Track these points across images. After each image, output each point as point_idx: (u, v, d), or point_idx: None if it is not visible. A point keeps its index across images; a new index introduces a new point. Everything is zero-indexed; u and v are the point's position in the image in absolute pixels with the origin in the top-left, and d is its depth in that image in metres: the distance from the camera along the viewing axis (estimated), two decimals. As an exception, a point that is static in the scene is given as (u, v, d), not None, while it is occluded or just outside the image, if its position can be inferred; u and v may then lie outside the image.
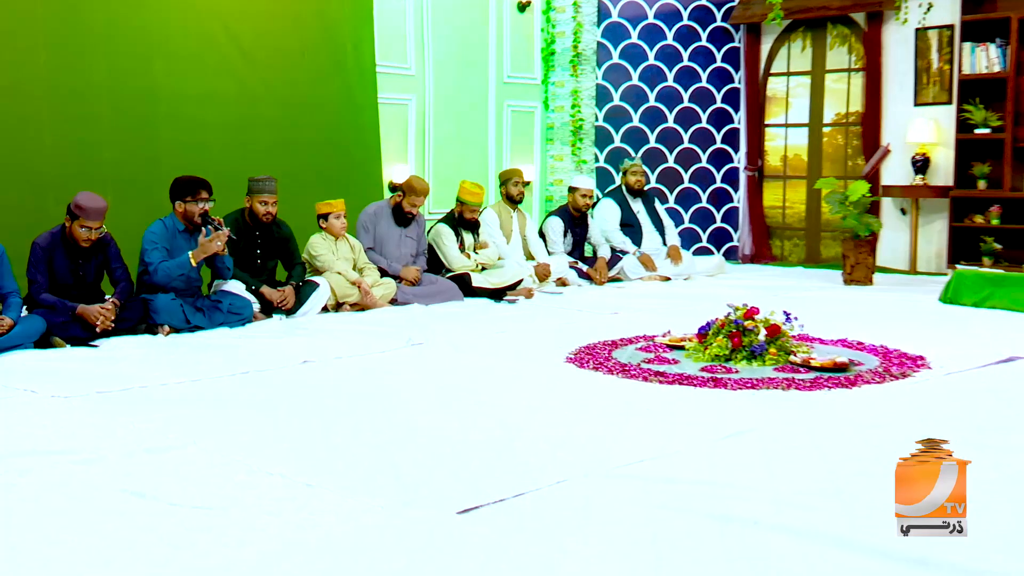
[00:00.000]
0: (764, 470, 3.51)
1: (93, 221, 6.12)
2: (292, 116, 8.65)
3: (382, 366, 5.44)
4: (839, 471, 3.50)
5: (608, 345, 5.94)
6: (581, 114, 10.87)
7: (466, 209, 8.40)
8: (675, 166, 11.26)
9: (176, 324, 6.39)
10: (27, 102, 7.19)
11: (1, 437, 3.93)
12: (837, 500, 3.18)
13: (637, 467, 3.53)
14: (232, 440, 3.90)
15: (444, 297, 7.89)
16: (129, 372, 5.19)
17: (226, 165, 7.86)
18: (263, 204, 7.14)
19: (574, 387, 4.92)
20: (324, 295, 7.30)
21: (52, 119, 7.31)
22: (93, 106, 7.52)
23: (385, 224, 8.09)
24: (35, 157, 7.20)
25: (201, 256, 6.52)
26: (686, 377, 5.03)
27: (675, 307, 7.73)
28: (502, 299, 8.10)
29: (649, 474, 3.45)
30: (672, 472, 3.47)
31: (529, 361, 5.58)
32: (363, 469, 3.52)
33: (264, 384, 4.98)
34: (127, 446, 3.80)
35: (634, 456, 3.65)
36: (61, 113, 7.36)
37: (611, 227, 9.76)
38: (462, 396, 4.69)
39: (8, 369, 5.25)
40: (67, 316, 6.02)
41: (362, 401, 4.61)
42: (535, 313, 7.48)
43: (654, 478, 3.40)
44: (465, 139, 10.35)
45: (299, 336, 6.36)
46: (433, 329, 6.57)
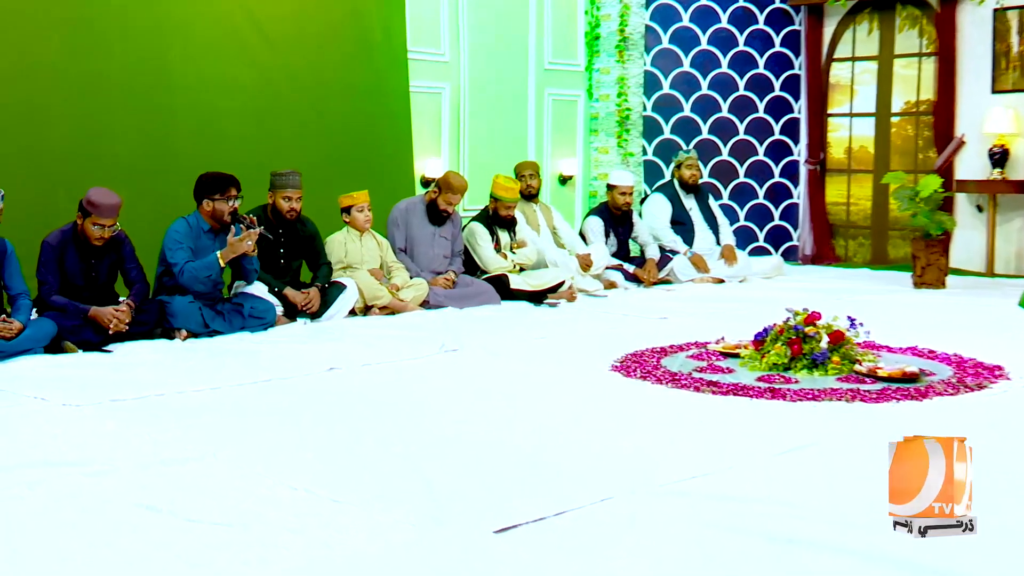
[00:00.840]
0: (825, 488, 3.49)
1: (106, 218, 6.19)
2: (317, 106, 8.70)
3: (413, 373, 5.46)
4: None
5: (657, 352, 5.92)
6: (628, 103, 10.85)
7: (500, 206, 8.41)
8: (730, 159, 11.21)
9: (194, 328, 6.45)
10: (36, 91, 7.28)
11: (10, 447, 3.98)
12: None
13: (687, 484, 3.52)
14: (253, 452, 3.93)
15: (480, 300, 7.91)
16: (144, 379, 5.25)
17: (247, 158, 7.92)
18: (286, 200, 7.19)
19: (620, 397, 4.91)
20: (352, 297, 7.34)
21: (62, 109, 7.40)
22: (106, 95, 7.60)
23: (418, 222, 8.12)
24: (44, 150, 7.29)
25: (230, 256, 6.57)
26: (741, 387, 5.00)
27: (729, 311, 7.69)
28: (542, 302, 8.10)
29: (700, 491, 3.44)
30: (725, 489, 3.45)
31: (571, 369, 5.57)
32: (392, 483, 3.54)
33: (287, 392, 5.01)
34: (142, 457, 3.84)
35: (684, 472, 3.64)
36: (72, 103, 7.44)
37: (661, 225, 9.74)
38: (499, 406, 4.69)
39: (17, 375, 5.32)
40: (79, 319, 6.09)
41: (391, 411, 4.62)
42: (578, 317, 7.47)
43: (706, 496, 3.39)
44: (502, 130, 10.36)
45: (325, 341, 6.40)
46: (468, 334, 6.58)
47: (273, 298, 7.01)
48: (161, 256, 6.68)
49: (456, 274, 8.11)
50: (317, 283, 7.29)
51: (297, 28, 8.62)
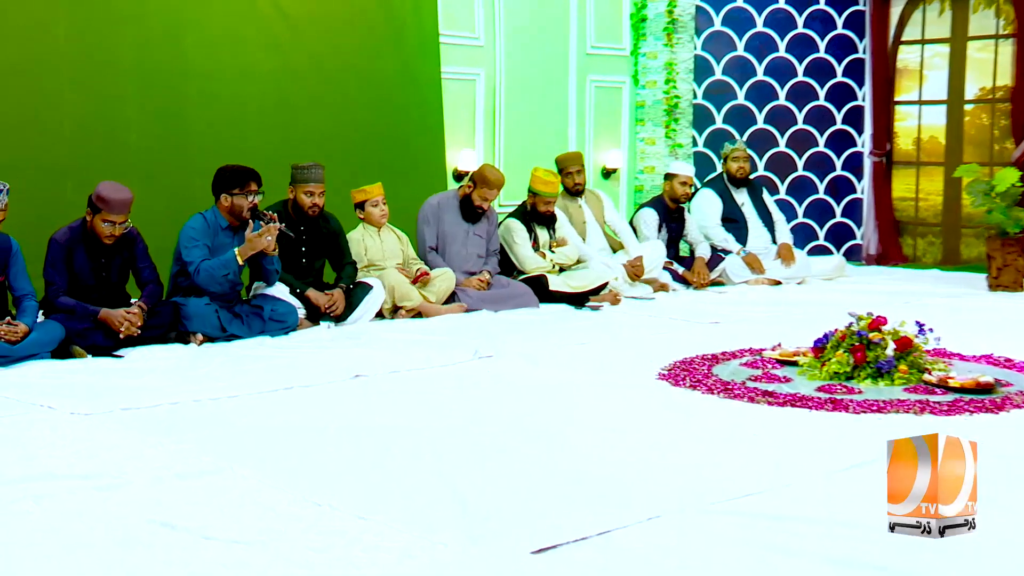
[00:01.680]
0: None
1: (117, 214, 6.24)
2: (342, 94, 8.74)
3: (445, 381, 5.47)
4: (982, 510, 3.43)
5: (708, 360, 5.91)
6: (676, 90, 10.82)
7: (540, 201, 8.41)
8: (787, 151, 11.16)
9: (210, 332, 6.49)
10: (44, 79, 7.35)
11: (15, 459, 4.03)
12: (980, 544, 3.12)
13: (741, 502, 3.50)
14: (274, 465, 3.95)
15: (516, 303, 7.91)
16: (157, 386, 5.29)
17: (266, 150, 7.97)
18: (309, 195, 7.22)
19: (668, 408, 4.90)
20: (378, 299, 7.36)
21: (71, 99, 7.46)
22: (117, 83, 7.67)
23: (451, 219, 8.14)
24: (52, 142, 7.36)
25: (249, 253, 6.59)
26: (800, 398, 4.98)
27: (786, 316, 7.66)
28: (584, 305, 8.09)
29: (755, 510, 3.42)
30: (782, 508, 3.44)
31: (615, 377, 5.57)
32: (423, 500, 3.55)
33: (310, 401, 5.03)
34: (155, 470, 3.87)
35: (737, 489, 3.62)
36: (81, 92, 7.51)
37: (711, 222, 9.71)
38: (537, 417, 4.69)
39: (23, 382, 5.37)
40: (88, 322, 6.15)
41: (421, 421, 4.63)
42: (622, 322, 7.46)
43: (761, 515, 3.37)
44: (541, 120, 10.36)
45: (350, 346, 6.42)
46: (504, 339, 6.58)
47: (295, 300, 7.05)
48: (176, 255, 6.72)
49: (491, 275, 8.12)
50: (341, 284, 7.32)
51: (321, 11, 8.66)
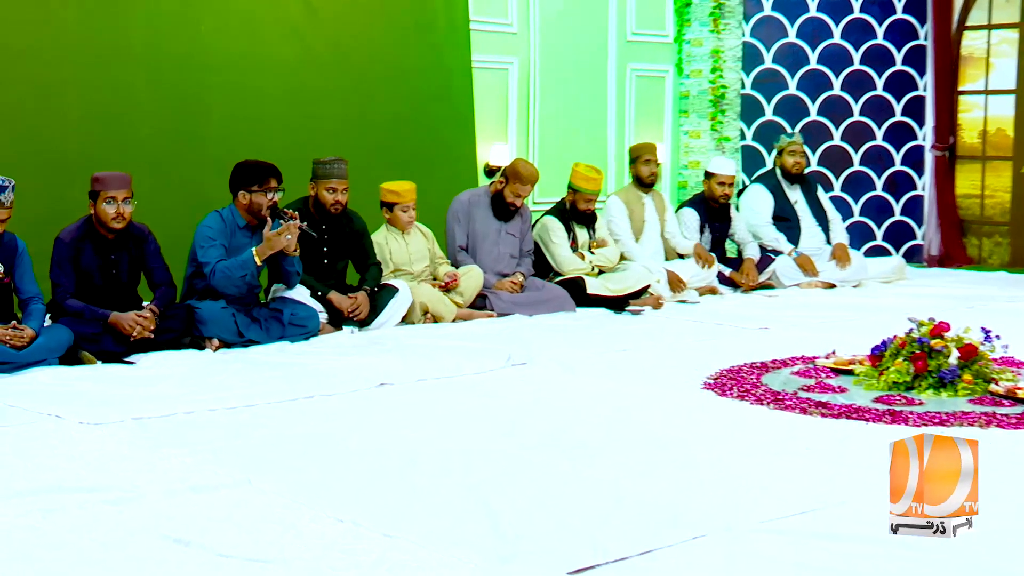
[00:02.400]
0: (956, 527, 3.44)
1: (117, 189, 6.27)
2: (367, 85, 8.76)
3: (476, 390, 5.48)
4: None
5: (757, 368, 5.89)
6: (723, 79, 10.79)
7: (580, 198, 8.41)
8: (843, 144, 11.11)
9: (227, 337, 6.52)
10: (49, 68, 7.40)
11: (21, 471, 4.06)
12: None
13: (792, 521, 3.49)
14: (294, 478, 3.97)
15: (552, 306, 7.91)
16: (171, 394, 5.32)
17: (287, 144, 8.00)
18: (331, 192, 7.24)
19: (714, 419, 4.88)
20: (404, 302, 7.38)
21: (79, 89, 7.52)
22: (128, 73, 7.71)
23: (481, 217, 8.15)
24: (59, 135, 7.41)
25: (267, 253, 6.61)
26: (856, 409, 4.96)
27: (841, 321, 7.63)
28: (624, 309, 8.09)
29: (807, 530, 3.41)
30: (837, 527, 3.42)
31: (657, 386, 5.55)
32: (452, 516, 3.55)
33: (332, 411, 5.05)
34: (168, 483, 3.89)
35: (788, 507, 3.61)
36: (90, 81, 7.56)
37: (761, 221, 9.68)
38: (574, 429, 4.69)
39: (29, 390, 5.42)
40: (98, 326, 6.19)
41: (451, 433, 4.64)
42: (665, 327, 7.45)
43: (813, 535, 3.36)
44: (578, 112, 10.36)
45: (374, 353, 6.44)
46: (538, 345, 6.58)
47: (316, 303, 7.07)
48: (191, 255, 6.75)
49: (525, 276, 8.13)
50: (365, 286, 7.33)
51: (345, -3, 8.70)
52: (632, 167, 9.16)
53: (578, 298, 8.08)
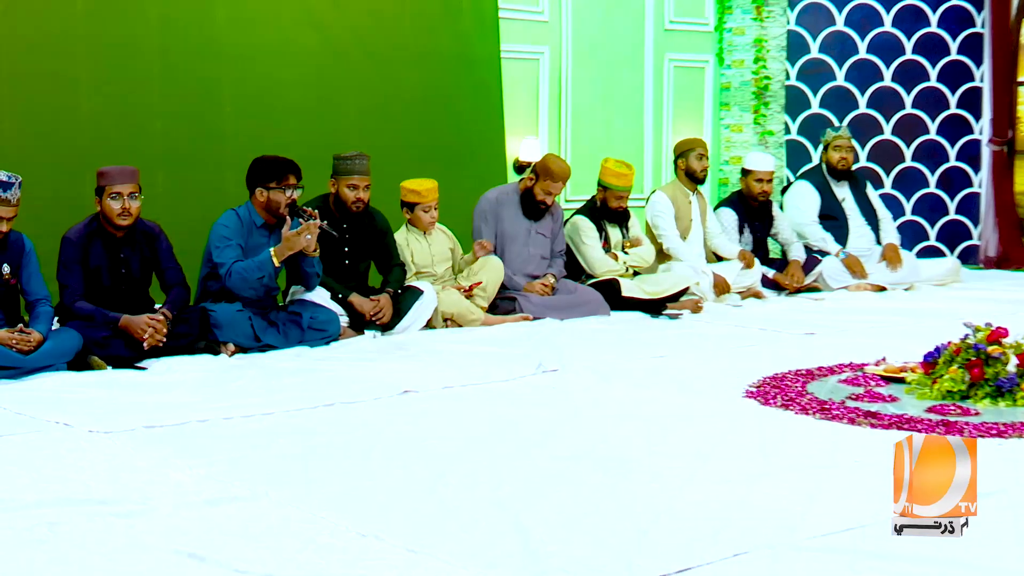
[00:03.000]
0: (1014, 545, 3.42)
1: (122, 184, 6.30)
2: (390, 76, 8.78)
3: (505, 399, 5.48)
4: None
5: (802, 375, 5.88)
6: (767, 70, 10.77)
7: (610, 196, 8.41)
8: (893, 139, 11.07)
9: (243, 342, 6.55)
10: (60, 59, 7.46)
11: (28, 481, 4.08)
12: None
13: (839, 538, 3.48)
14: (314, 490, 3.98)
15: (585, 310, 7.92)
16: (184, 402, 5.35)
17: (306, 139, 8.04)
18: (352, 189, 7.26)
19: (756, 430, 4.87)
20: (429, 305, 7.39)
21: (89, 81, 7.57)
22: (140, 65, 7.76)
23: (510, 215, 8.15)
24: (68, 130, 7.47)
25: (286, 254, 6.62)
26: (907, 420, 4.94)
27: (892, 326, 7.61)
28: (661, 313, 8.08)
29: (856, 547, 3.39)
30: (887, 546, 3.40)
31: (696, 395, 5.54)
32: (480, 532, 3.55)
33: (354, 420, 5.06)
34: (182, 495, 3.91)
35: (835, 523, 3.60)
36: (101, 73, 7.61)
37: (807, 219, 9.66)
38: (608, 440, 4.69)
39: (36, 396, 5.45)
40: (108, 330, 6.22)
41: (479, 443, 4.64)
42: (705, 332, 7.45)
43: (863, 553, 3.34)
44: (613, 105, 10.36)
45: (398, 358, 6.47)
46: (570, 351, 6.59)
47: (336, 306, 7.10)
48: (205, 255, 6.78)
49: (556, 278, 8.13)
50: (388, 288, 7.35)
51: (367, -18, 8.73)
52: (682, 162, 9.09)
53: (612, 301, 8.08)
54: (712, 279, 8.68)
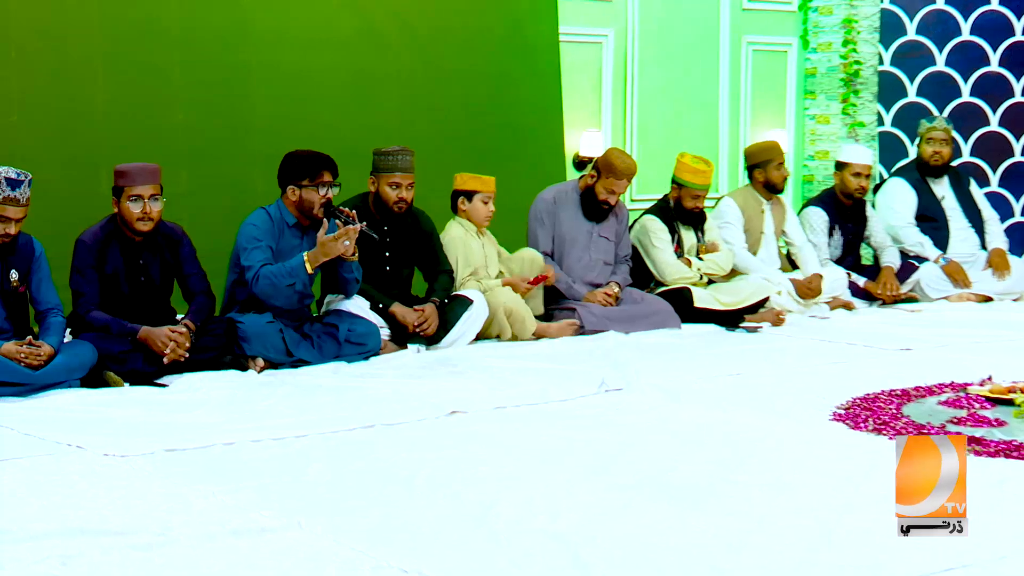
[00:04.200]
0: None
1: (143, 185, 6.33)
2: (435, 63, 8.80)
3: (563, 421, 5.47)
4: None
5: (897, 396, 5.83)
6: (857, 54, 10.71)
7: (686, 194, 8.38)
8: (1001, 130, 10.98)
9: (274, 356, 6.58)
10: (73, 44, 7.53)
11: (37, 511, 4.11)
12: None
13: (941, 578, 3.46)
14: (351, 521, 3.98)
15: (653, 322, 7.90)
16: (209, 422, 5.38)
17: (343, 133, 8.06)
18: (394, 188, 7.27)
19: (845, 457, 4.84)
20: (480, 316, 7.40)
21: (105, 70, 7.63)
22: (161, 52, 7.82)
23: (569, 217, 8.15)
24: (82, 123, 7.54)
25: (320, 260, 6.64)
26: (1016, 446, 4.88)
27: (998, 341, 7.56)
28: (738, 326, 8.05)
29: (959, 589, 3.37)
30: (994, 587, 3.38)
31: (777, 417, 5.51)
32: (535, 568, 3.55)
33: (396, 443, 5.07)
34: (205, 525, 3.93)
35: (937, 562, 3.57)
36: (117, 61, 7.67)
37: (902, 221, 9.59)
38: (677, 467, 4.67)
39: (47, 416, 5.49)
40: (125, 342, 6.27)
41: (534, 471, 4.64)
42: (787, 347, 7.42)
43: (966, 595, 3.33)
44: (685, 93, 10.33)
45: (445, 375, 6.48)
46: (637, 368, 6.57)
47: (377, 317, 7.11)
48: (233, 259, 6.81)
49: (621, 287, 8.12)
50: (434, 297, 7.36)
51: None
52: (759, 173, 8.99)
53: (683, 312, 8.06)
54: (791, 286, 8.64)
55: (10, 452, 4.85)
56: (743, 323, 8.09)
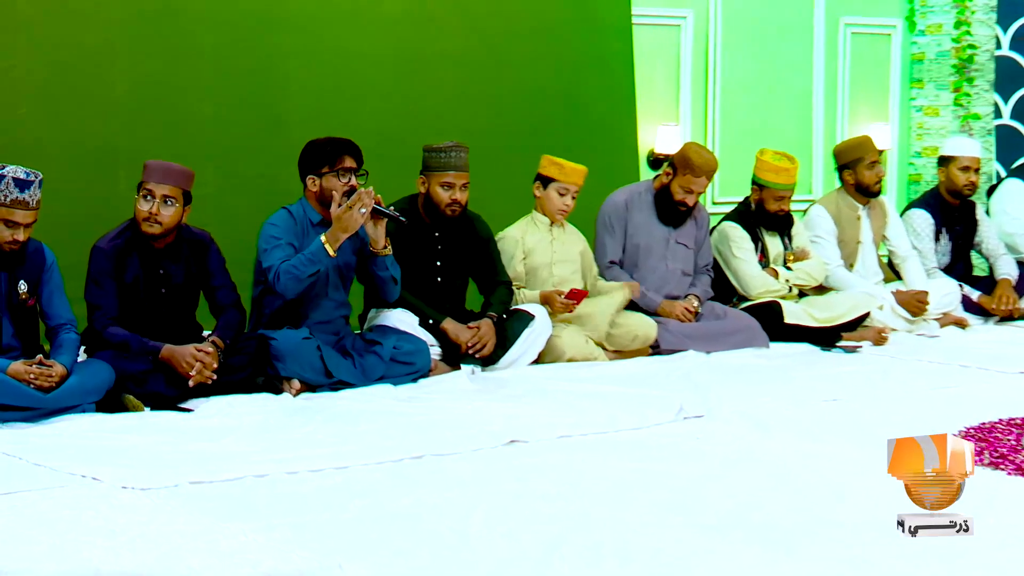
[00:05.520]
0: None
1: (159, 182, 6.31)
2: (493, 47, 8.81)
3: (636, 452, 5.47)
4: None
5: (1016, 426, 5.81)
6: (971, 37, 10.66)
7: (768, 196, 8.36)
8: None
9: (311, 377, 6.59)
10: (89, 29, 7.60)
11: (48, 549, 4.13)
12: None
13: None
14: (397, 564, 3.99)
15: (738, 340, 7.89)
16: (239, 452, 5.40)
17: (389, 126, 8.10)
18: (446, 188, 7.27)
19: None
20: (541, 333, 7.41)
21: (126, 54, 7.69)
22: (188, 35, 7.89)
23: (643, 221, 8.15)
24: (100, 116, 7.60)
25: (340, 237, 6.58)
26: None
27: None
28: (834, 345, 8.01)
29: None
30: None
31: (879, 449, 5.46)
32: (605, 619, 3.55)
33: (448, 477, 5.08)
34: (235, 567, 3.93)
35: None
36: (140, 47, 7.74)
37: (1020, 228, 9.52)
38: (765, 505, 4.65)
39: (58, 443, 5.52)
40: (147, 362, 6.30)
41: (602, 508, 4.63)
42: (890, 370, 7.39)
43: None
44: (774, 82, 10.31)
45: (502, 400, 6.49)
46: (719, 393, 6.56)
47: (426, 334, 7.13)
48: (256, 268, 6.83)
49: (701, 300, 8.10)
50: (491, 312, 7.36)
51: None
52: (848, 174, 8.94)
53: (772, 330, 8.05)
54: (893, 299, 8.59)
55: (18, 484, 4.86)
56: (840, 342, 8.06)
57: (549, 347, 7.41)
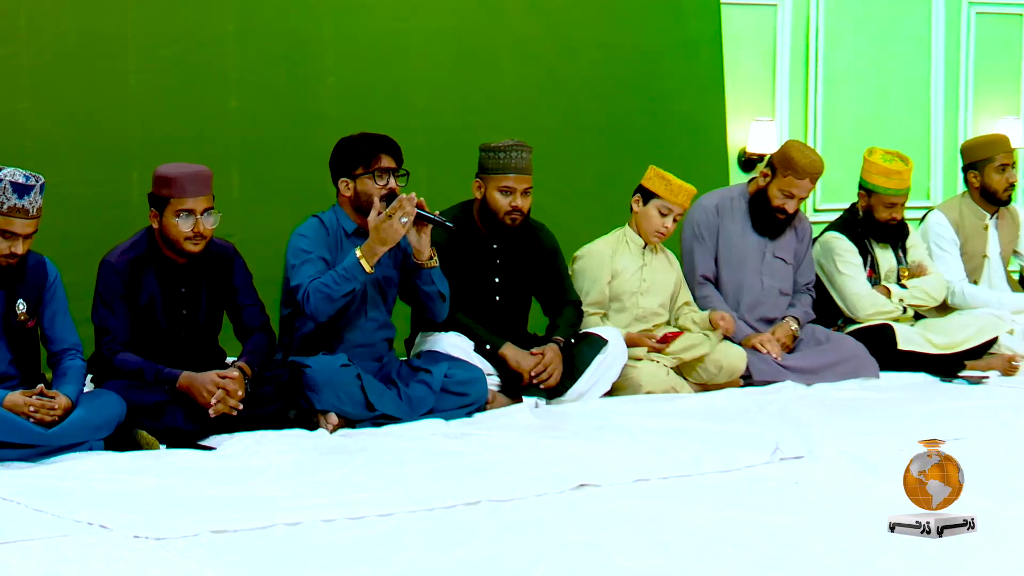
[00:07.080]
0: None
1: (195, 196, 6.32)
2: (561, 32, 8.83)
3: (724, 499, 5.46)
4: None
5: None
6: (1118, 19, 10.61)
7: (878, 203, 8.34)
8: None
9: (351, 411, 6.61)
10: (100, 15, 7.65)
11: (50, 605, 4.18)
12: None
13: None
14: (449, 626, 4.00)
15: (842, 370, 7.88)
16: (268, 496, 5.41)
17: (439, 123, 8.15)
18: (506, 193, 7.28)
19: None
20: (616, 361, 7.41)
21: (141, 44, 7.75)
22: (211, 20, 7.95)
23: (736, 231, 8.16)
24: (111, 113, 7.68)
25: (378, 251, 6.58)
26: None
27: None
28: (957, 375, 7.97)
29: None
30: None
31: (1010, 497, 5.46)
32: None
33: (507, 525, 5.08)
34: (263, 629, 3.97)
35: None
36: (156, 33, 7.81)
37: None
38: (874, 559, 4.63)
39: (62, 486, 5.55)
40: (163, 393, 6.33)
41: (685, 560, 4.63)
42: (1021, 403, 7.33)
43: None
44: (886, 71, 10.29)
45: (570, 437, 6.48)
46: (821, 430, 6.53)
47: (483, 361, 7.15)
48: (284, 285, 6.84)
49: (800, 323, 8.07)
50: (557, 336, 7.36)
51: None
52: (974, 176, 8.90)
53: (883, 357, 8.03)
54: None
55: (17, 533, 4.88)
56: (963, 371, 8.02)
57: (624, 377, 7.40)
